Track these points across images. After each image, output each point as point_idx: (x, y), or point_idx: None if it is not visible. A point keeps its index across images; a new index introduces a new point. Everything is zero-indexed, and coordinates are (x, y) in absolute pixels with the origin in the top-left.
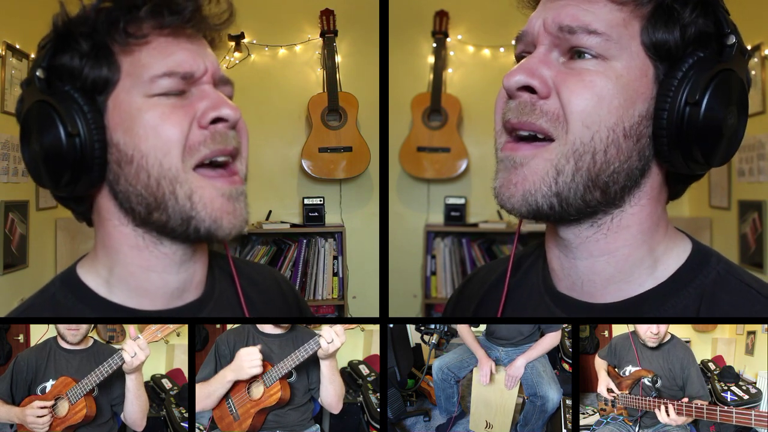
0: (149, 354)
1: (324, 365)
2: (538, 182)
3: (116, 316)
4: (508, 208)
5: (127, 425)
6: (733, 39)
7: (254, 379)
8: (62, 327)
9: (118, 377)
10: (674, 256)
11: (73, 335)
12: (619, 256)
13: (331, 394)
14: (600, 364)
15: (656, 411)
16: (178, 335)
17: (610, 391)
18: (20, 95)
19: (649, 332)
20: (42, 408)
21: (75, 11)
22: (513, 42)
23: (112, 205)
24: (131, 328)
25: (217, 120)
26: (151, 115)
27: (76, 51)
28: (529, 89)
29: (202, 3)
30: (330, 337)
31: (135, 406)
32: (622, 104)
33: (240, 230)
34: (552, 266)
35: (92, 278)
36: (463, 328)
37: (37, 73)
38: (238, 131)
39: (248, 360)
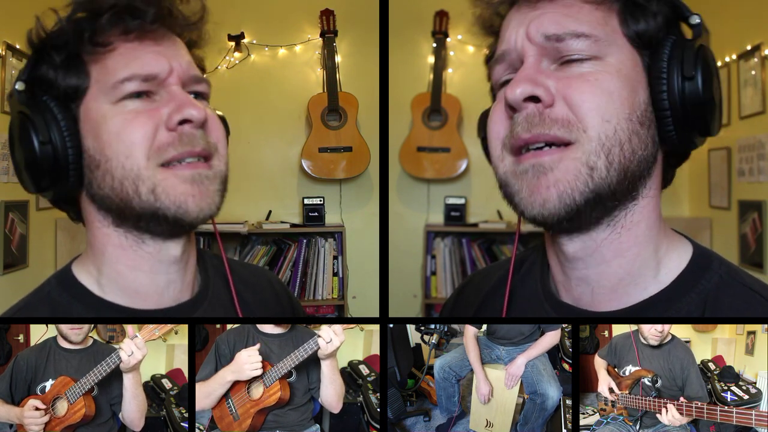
0: (146, 353)
1: (324, 365)
2: (573, 180)
3: (112, 315)
4: (544, 214)
5: (126, 425)
6: (697, 19)
7: (254, 378)
8: (65, 327)
9: (117, 377)
10: (675, 258)
11: (76, 334)
12: (630, 257)
13: (332, 393)
14: (600, 364)
15: (658, 413)
16: (176, 333)
17: (611, 390)
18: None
19: (653, 329)
20: (38, 408)
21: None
22: (489, 64)
23: (92, 208)
24: (130, 328)
25: (183, 122)
26: (115, 122)
27: (50, 63)
28: (533, 99)
29: (164, 4)
30: (329, 336)
31: (132, 405)
32: (630, 95)
33: (210, 213)
34: (556, 278)
35: (86, 277)
36: (468, 343)
37: (17, 86)
38: (208, 130)
39: (248, 362)
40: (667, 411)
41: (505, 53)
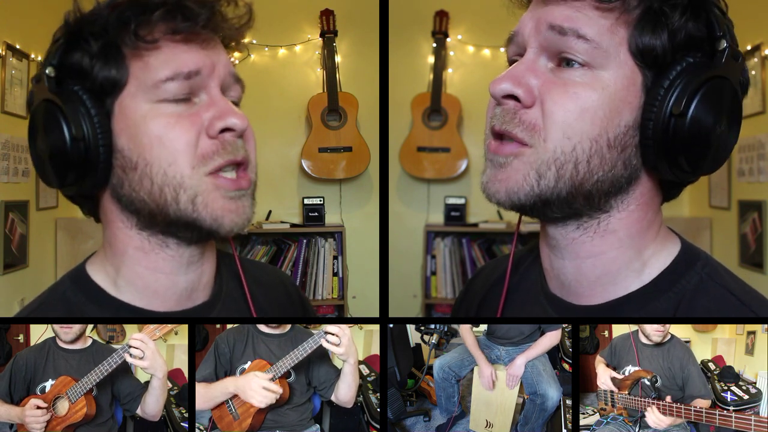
0: (153, 345)
1: (347, 365)
2: (521, 181)
3: (124, 315)
4: (494, 202)
5: (147, 417)
6: (724, 44)
7: None
8: (57, 326)
9: (125, 375)
10: (661, 259)
11: (65, 333)
12: (606, 259)
13: (353, 390)
14: (598, 361)
15: (646, 414)
16: (176, 334)
17: (614, 380)
18: (30, 89)
19: (654, 326)
20: (38, 408)
21: (88, 7)
22: (504, 46)
23: (115, 208)
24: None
25: (224, 129)
26: (156, 124)
27: (86, 50)
28: (515, 97)
29: (217, 9)
30: (336, 339)
31: (159, 403)
32: (607, 115)
33: (242, 227)
34: (544, 266)
35: (102, 277)
36: (464, 331)
37: (47, 71)
38: (246, 139)
39: (256, 390)
40: (649, 412)
41: (514, 34)
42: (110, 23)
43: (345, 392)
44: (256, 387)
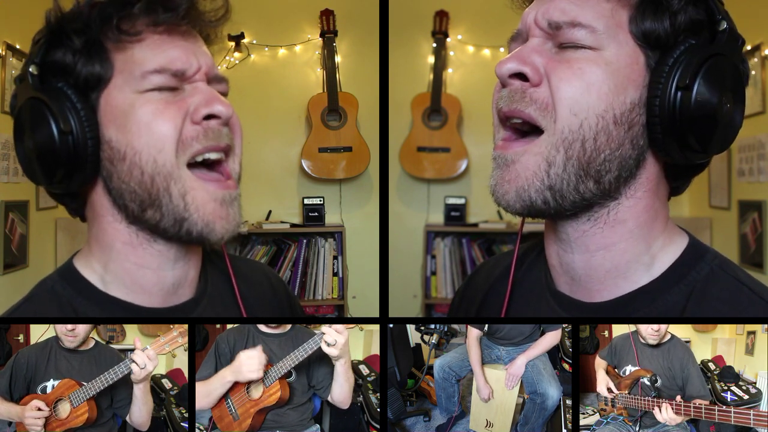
0: (157, 364)
1: (339, 364)
2: (531, 177)
3: (116, 309)
4: (504, 206)
5: (134, 426)
6: (724, 24)
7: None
8: (60, 331)
9: (121, 381)
10: (670, 252)
11: (70, 341)
12: (616, 251)
13: (346, 392)
14: (599, 364)
15: (654, 410)
16: (185, 350)
17: (610, 390)
18: (14, 90)
19: (650, 329)
20: (40, 410)
21: (68, 7)
22: (506, 44)
23: (106, 201)
24: (137, 341)
25: (209, 116)
26: (144, 111)
27: (68, 47)
28: (521, 77)
29: (195, 0)
30: (333, 339)
31: (143, 411)
32: (612, 90)
33: (232, 235)
34: (551, 263)
35: (89, 273)
36: (471, 344)
37: (30, 70)
38: (232, 129)
39: (248, 364)
40: (661, 410)
41: (518, 32)
42: (92, 20)
43: (338, 393)
44: (245, 360)
